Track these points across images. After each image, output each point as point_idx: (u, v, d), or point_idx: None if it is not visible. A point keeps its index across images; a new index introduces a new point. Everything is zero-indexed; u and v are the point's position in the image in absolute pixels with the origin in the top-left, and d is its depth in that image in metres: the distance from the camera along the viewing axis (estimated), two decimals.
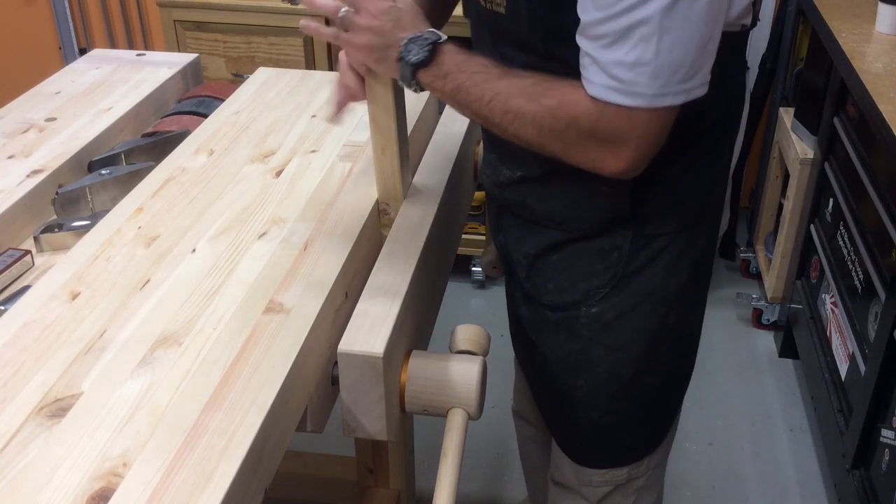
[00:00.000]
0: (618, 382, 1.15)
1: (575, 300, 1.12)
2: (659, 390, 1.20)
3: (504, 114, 0.94)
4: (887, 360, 1.58)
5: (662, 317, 1.12)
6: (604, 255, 1.09)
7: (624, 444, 1.23)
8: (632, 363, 1.14)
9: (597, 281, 1.10)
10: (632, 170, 0.92)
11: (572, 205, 1.08)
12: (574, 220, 1.09)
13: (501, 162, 1.15)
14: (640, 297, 1.10)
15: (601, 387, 1.16)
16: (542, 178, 1.09)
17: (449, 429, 1.00)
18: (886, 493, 1.55)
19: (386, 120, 1.10)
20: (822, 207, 2.08)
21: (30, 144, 1.35)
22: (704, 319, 1.28)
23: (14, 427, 0.82)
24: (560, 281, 1.13)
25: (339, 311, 1.05)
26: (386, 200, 1.21)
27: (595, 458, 1.24)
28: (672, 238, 1.08)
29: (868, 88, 1.67)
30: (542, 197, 1.11)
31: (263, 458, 0.83)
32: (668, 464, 2.06)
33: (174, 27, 2.51)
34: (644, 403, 1.19)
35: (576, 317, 1.13)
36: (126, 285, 1.02)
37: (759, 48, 2.65)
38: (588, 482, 1.26)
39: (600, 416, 1.18)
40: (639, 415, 1.20)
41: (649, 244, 1.08)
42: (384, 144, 1.13)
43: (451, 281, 1.51)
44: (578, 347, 1.14)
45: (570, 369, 1.17)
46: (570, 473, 1.27)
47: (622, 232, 1.07)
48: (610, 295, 1.10)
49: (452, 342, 1.08)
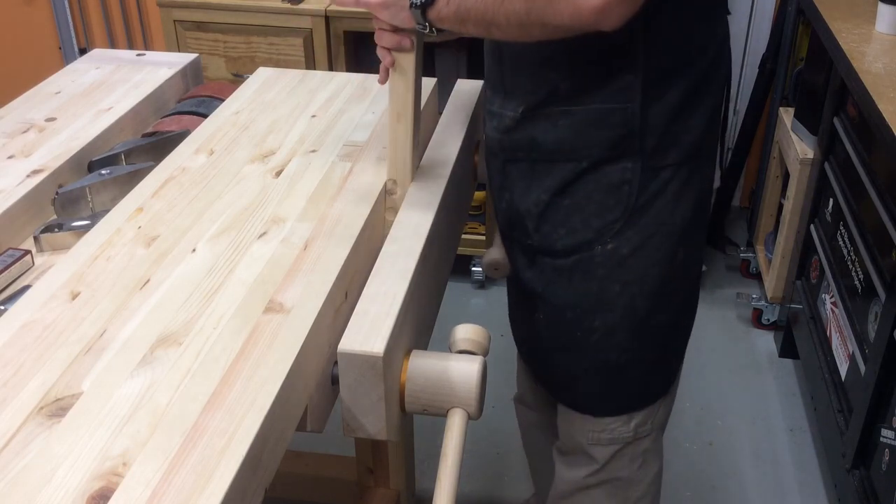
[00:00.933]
0: (634, 318, 1.19)
1: (589, 239, 1.16)
2: (669, 328, 1.25)
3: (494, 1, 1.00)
4: (887, 360, 1.58)
5: (673, 251, 1.17)
6: (615, 189, 1.13)
7: (637, 386, 1.27)
8: (647, 298, 1.18)
9: (610, 216, 1.15)
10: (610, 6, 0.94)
11: (579, 129, 1.12)
12: (582, 146, 1.13)
13: (504, 105, 1.19)
14: (651, 230, 1.15)
15: (619, 324, 1.20)
16: (546, 105, 1.13)
17: (449, 428, 1.00)
18: (886, 493, 1.55)
19: (404, 85, 1.14)
20: (822, 207, 2.08)
21: (30, 144, 1.35)
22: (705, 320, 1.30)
23: (14, 427, 0.82)
24: (573, 223, 1.17)
25: (339, 311, 1.05)
26: (395, 177, 1.22)
27: (609, 405, 1.28)
28: (676, 169, 1.14)
29: (868, 88, 1.67)
30: (548, 128, 1.14)
31: (263, 458, 0.83)
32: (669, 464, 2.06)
33: (174, 27, 2.51)
34: (656, 341, 1.24)
35: (590, 256, 1.17)
36: (126, 285, 1.02)
37: (759, 48, 2.65)
38: (597, 440, 1.29)
39: (618, 355, 1.22)
40: (651, 354, 1.24)
41: (656, 176, 1.13)
42: (400, 111, 1.16)
43: (451, 281, 1.51)
44: (595, 287, 1.18)
45: (586, 312, 1.20)
46: (580, 434, 1.31)
47: (630, 165, 1.12)
48: (623, 229, 1.15)
49: (452, 342, 1.08)
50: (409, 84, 1.14)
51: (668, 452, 2.05)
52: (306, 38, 2.44)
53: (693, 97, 1.11)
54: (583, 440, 1.31)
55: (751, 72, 2.71)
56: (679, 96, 1.10)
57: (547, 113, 1.14)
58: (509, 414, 2.03)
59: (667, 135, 1.12)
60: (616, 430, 1.28)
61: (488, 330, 1.11)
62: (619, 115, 1.10)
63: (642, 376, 1.26)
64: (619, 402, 1.27)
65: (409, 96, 1.15)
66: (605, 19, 0.95)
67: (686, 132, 1.12)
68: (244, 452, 0.78)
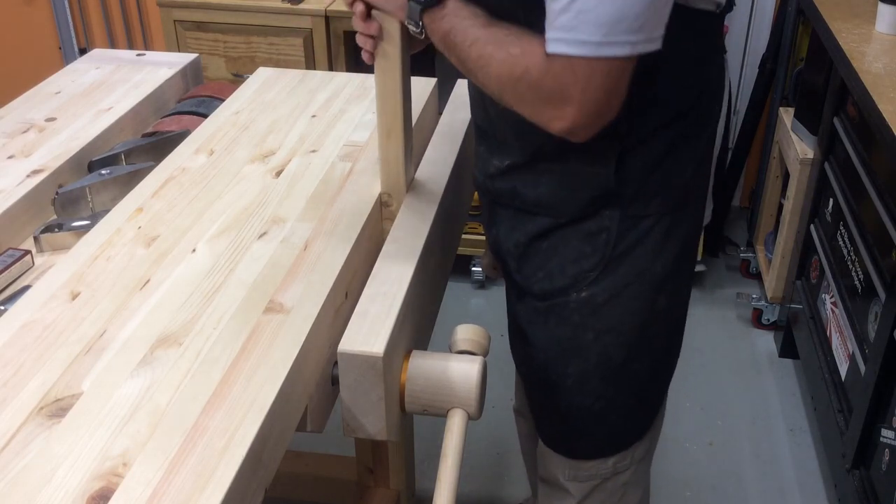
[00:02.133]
0: (609, 366, 1.17)
1: (564, 285, 1.14)
2: (648, 374, 1.21)
3: (478, 58, 0.97)
4: (887, 360, 1.58)
5: (652, 299, 1.14)
6: (592, 238, 1.11)
7: (614, 431, 1.24)
8: (623, 346, 1.15)
9: (586, 264, 1.12)
10: (578, 128, 0.93)
11: (560, 188, 1.10)
12: (562, 204, 1.11)
13: (490, 153, 1.17)
14: (629, 279, 1.12)
15: (593, 371, 1.17)
16: (529, 163, 1.12)
17: (449, 429, 1.00)
18: (886, 493, 1.55)
19: (393, 102, 1.12)
20: (822, 207, 2.08)
21: (30, 144, 1.35)
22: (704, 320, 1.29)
23: (14, 427, 0.82)
24: (549, 268, 1.15)
25: (339, 311, 1.05)
26: (388, 191, 1.21)
27: (585, 448, 1.25)
28: (658, 219, 1.10)
29: (868, 88, 1.67)
30: (530, 183, 1.13)
31: (263, 458, 0.83)
32: (669, 464, 2.06)
33: (174, 27, 2.51)
34: (634, 388, 1.21)
35: (565, 303, 1.15)
36: (126, 285, 1.02)
37: (759, 48, 2.65)
38: (574, 477, 1.27)
39: (592, 402, 1.19)
40: (629, 400, 1.21)
41: (636, 225, 1.10)
42: (390, 128, 1.15)
43: (451, 281, 1.51)
44: (569, 334, 1.16)
45: (560, 357, 1.18)
46: (557, 470, 1.29)
47: (609, 213, 1.09)
48: (599, 278, 1.12)
49: (452, 342, 1.08)
50: (397, 101, 1.12)
51: (668, 452, 2.06)
52: (306, 38, 2.44)
53: (678, 148, 1.08)
54: (559, 475, 1.29)
55: (751, 72, 2.71)
56: (662, 150, 1.07)
57: (532, 169, 1.12)
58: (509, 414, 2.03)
59: (648, 186, 1.09)
60: (593, 468, 1.26)
61: (488, 330, 1.11)
62: (594, 178, 1.08)
63: (619, 421, 1.23)
64: (595, 446, 1.25)
65: (398, 112, 1.13)
66: (571, 137, 0.95)
67: (669, 183, 1.09)
68: (244, 452, 0.78)
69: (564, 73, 0.90)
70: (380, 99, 1.13)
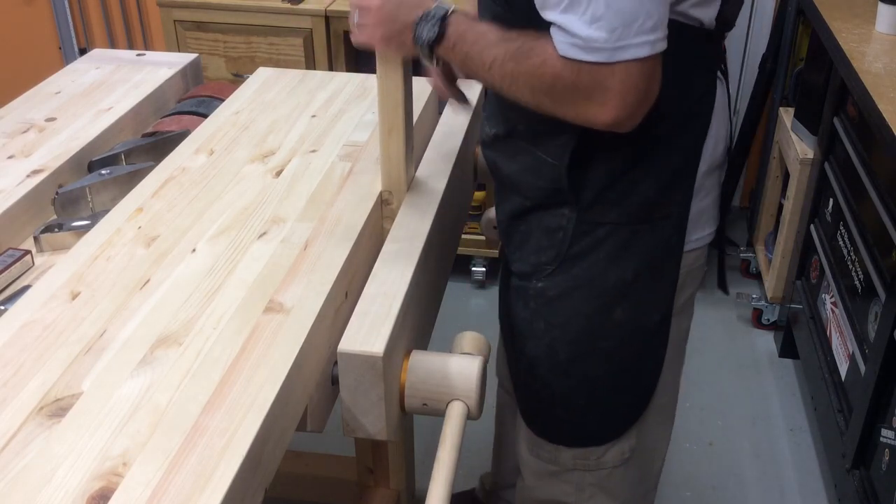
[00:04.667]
0: (554, 360, 1.19)
1: (528, 272, 1.18)
2: (604, 384, 1.20)
3: (502, 78, 0.99)
4: (887, 360, 1.58)
5: (604, 309, 1.14)
6: (550, 233, 1.14)
7: (565, 425, 1.25)
8: (569, 345, 1.17)
9: (544, 257, 1.15)
10: (625, 119, 0.94)
11: (524, 170, 1.14)
12: (526, 187, 1.14)
13: (487, 119, 1.21)
14: (581, 282, 1.14)
15: (542, 360, 1.20)
16: (505, 137, 1.15)
17: (449, 417, 1.00)
18: (886, 493, 1.55)
19: (394, 101, 1.13)
20: (822, 207, 2.08)
21: (30, 144, 1.35)
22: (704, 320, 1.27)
23: (14, 427, 0.82)
24: (523, 252, 1.19)
25: (339, 311, 1.05)
26: (389, 188, 1.21)
27: (539, 427, 1.28)
28: (613, 229, 1.10)
29: (868, 88, 1.67)
30: (505, 158, 1.17)
31: (263, 458, 0.83)
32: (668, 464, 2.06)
33: (174, 27, 2.51)
34: (586, 391, 1.20)
35: (526, 287, 1.19)
36: (126, 285, 1.02)
37: (759, 48, 2.65)
38: (536, 453, 1.30)
39: (540, 388, 1.23)
40: (579, 401, 1.21)
41: (592, 231, 1.11)
42: (391, 125, 1.15)
43: (451, 281, 1.50)
44: (528, 316, 1.20)
45: (517, 336, 1.23)
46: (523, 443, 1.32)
47: (566, 213, 1.11)
48: (554, 273, 1.15)
49: (453, 348, 1.09)
50: (399, 98, 1.13)
51: (668, 452, 2.05)
52: (306, 38, 2.44)
53: (641, 163, 1.06)
54: (523, 449, 1.31)
55: (751, 72, 2.71)
56: (622, 162, 1.06)
57: (509, 144, 1.15)
58: None
59: (605, 194, 1.08)
60: (553, 451, 1.27)
61: (489, 330, 1.11)
62: (550, 168, 1.09)
63: (570, 418, 1.23)
64: (548, 430, 1.26)
65: (399, 110, 1.14)
66: (618, 129, 0.95)
67: (630, 195, 1.08)
68: (244, 452, 0.78)
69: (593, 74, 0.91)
70: (381, 96, 1.13)
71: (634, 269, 1.12)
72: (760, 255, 2.60)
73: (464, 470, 1.97)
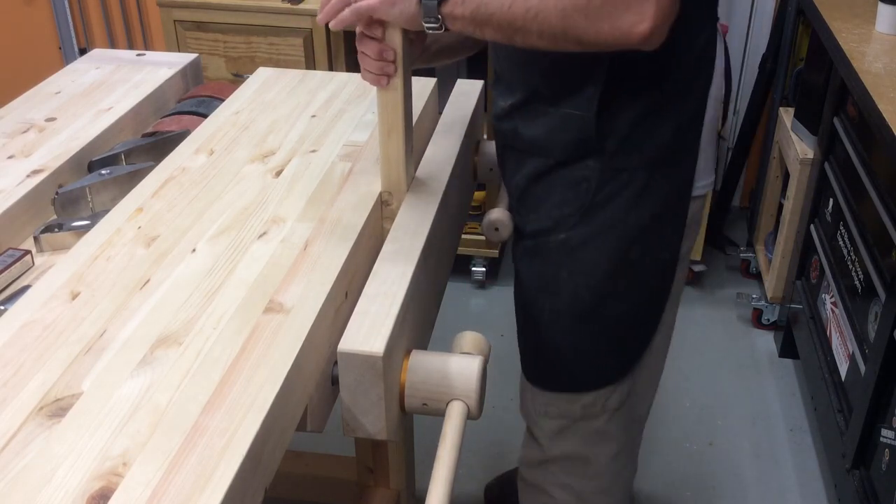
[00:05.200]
0: (580, 306, 1.24)
1: (548, 227, 1.22)
2: (621, 321, 1.28)
3: (525, 12, 0.99)
4: (887, 360, 1.58)
5: (624, 249, 1.20)
6: (575, 185, 1.18)
7: (583, 369, 1.31)
8: (592, 289, 1.23)
9: (567, 209, 1.20)
10: (658, 28, 0.97)
11: (551, 129, 1.17)
12: (551, 146, 1.18)
13: (500, 94, 1.24)
14: (603, 228, 1.19)
15: (565, 310, 1.25)
16: (526, 102, 1.19)
17: (449, 417, 1.00)
18: (886, 493, 1.55)
19: (394, 101, 1.13)
20: (822, 207, 2.08)
21: (30, 144, 1.35)
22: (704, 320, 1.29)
23: (14, 427, 0.82)
24: (540, 211, 1.23)
25: (339, 311, 1.05)
26: (389, 189, 1.21)
27: (556, 381, 1.33)
28: (633, 173, 1.16)
29: (868, 88, 1.67)
30: (528, 123, 1.20)
31: (263, 458, 0.83)
32: (669, 464, 2.06)
33: (174, 27, 2.51)
34: (606, 332, 1.28)
35: (546, 242, 1.23)
36: (126, 285, 1.02)
37: (759, 48, 2.66)
38: (545, 412, 1.35)
39: (563, 337, 1.28)
40: (599, 341, 1.28)
41: (615, 178, 1.16)
42: (391, 126, 1.15)
43: (451, 281, 1.51)
44: (550, 271, 1.24)
45: (539, 293, 1.27)
46: (531, 404, 1.37)
47: (591, 164, 1.16)
48: (577, 223, 1.20)
49: (453, 348, 1.09)
50: (398, 99, 1.13)
51: (668, 452, 2.06)
52: (306, 38, 2.44)
53: (661, 108, 1.13)
54: (533, 410, 1.37)
55: (751, 72, 2.71)
56: (644, 107, 1.12)
57: (529, 109, 1.19)
58: (509, 414, 2.03)
59: (628, 140, 1.14)
60: (562, 406, 1.33)
61: (488, 330, 1.11)
62: (577, 120, 1.13)
63: (590, 361, 1.30)
64: (565, 381, 1.32)
65: (398, 111, 1.14)
66: (648, 44, 0.98)
67: (650, 140, 1.14)
68: (244, 452, 0.78)
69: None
70: (380, 98, 1.13)
71: (651, 211, 1.18)
72: (760, 255, 2.60)
73: (464, 470, 1.97)
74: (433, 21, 1.03)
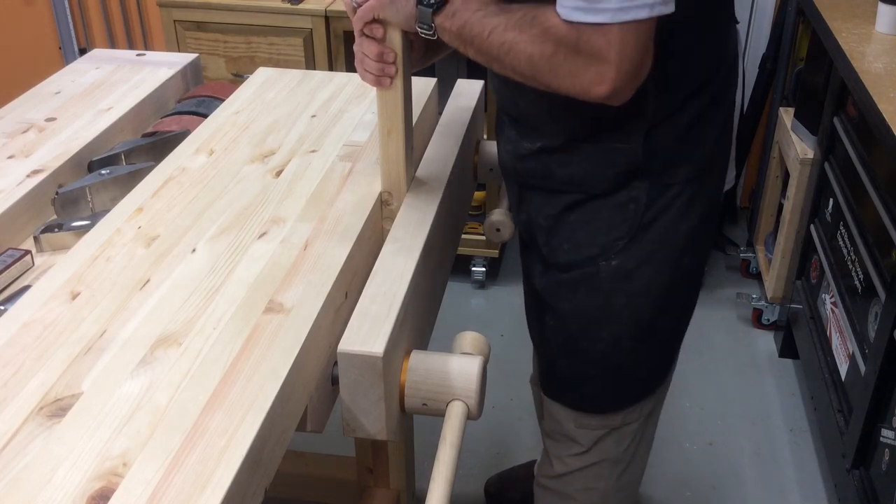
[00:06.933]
0: (640, 326, 1.23)
1: (592, 255, 1.19)
2: (670, 330, 1.30)
3: (500, 45, 0.99)
4: (887, 360, 1.58)
5: (677, 259, 1.20)
6: (622, 208, 1.15)
7: (635, 385, 1.31)
8: (652, 306, 1.21)
9: (615, 233, 1.17)
10: (618, 91, 0.95)
11: (591, 165, 1.14)
12: (593, 180, 1.15)
13: (522, 136, 1.20)
14: (656, 245, 1.17)
15: (625, 332, 1.23)
16: (562, 146, 1.15)
17: (448, 417, 1.00)
18: (886, 493, 1.55)
19: (393, 101, 1.13)
20: (822, 207, 2.08)
21: (30, 144, 1.35)
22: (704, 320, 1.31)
23: (14, 427, 0.82)
24: (577, 239, 1.19)
25: (339, 311, 1.05)
26: (389, 189, 1.21)
27: (609, 403, 1.31)
28: (683, 186, 1.15)
29: (868, 88, 1.67)
30: (563, 162, 1.17)
31: (263, 458, 0.83)
32: (668, 464, 2.06)
33: (174, 27, 2.51)
34: (660, 343, 1.29)
35: (595, 272, 1.19)
36: (126, 285, 1.02)
37: (759, 48, 2.66)
38: (587, 425, 1.33)
39: (623, 358, 1.26)
40: (653, 354, 1.29)
41: (663, 193, 1.15)
42: (390, 127, 1.15)
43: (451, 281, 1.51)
44: (601, 301, 1.21)
45: (592, 323, 1.23)
46: (570, 423, 1.35)
47: (638, 184, 1.14)
48: (628, 245, 1.17)
49: (452, 348, 1.09)
50: (398, 99, 1.13)
51: (668, 452, 2.06)
52: (306, 38, 2.44)
53: (704, 116, 1.13)
54: (569, 426, 1.35)
55: (751, 72, 2.71)
56: (689, 119, 1.12)
57: (564, 149, 1.16)
58: (509, 415, 2.03)
59: (676, 155, 1.13)
60: (605, 418, 1.32)
61: (489, 330, 1.11)
62: (623, 154, 1.12)
63: (644, 374, 1.30)
64: (613, 399, 1.31)
65: (398, 111, 1.14)
66: (611, 101, 0.97)
67: (696, 149, 1.14)
68: (244, 452, 0.78)
69: (596, 37, 0.92)
70: (380, 98, 1.13)
71: (700, 217, 1.19)
72: (760, 255, 2.60)
73: (464, 470, 1.97)
74: (426, 28, 1.04)
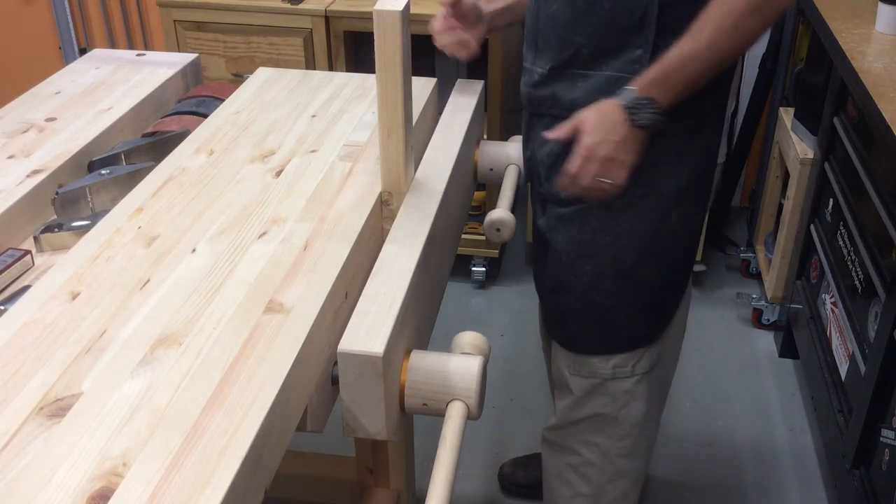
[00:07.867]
0: (620, 267, 1.32)
1: None
2: (655, 281, 1.35)
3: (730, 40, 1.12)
4: (887, 360, 1.58)
5: (663, 213, 1.28)
6: None
7: (617, 330, 1.38)
8: (633, 250, 1.30)
9: None
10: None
11: (592, 92, 1.23)
12: None
13: (536, 60, 1.30)
14: (645, 192, 1.26)
15: (606, 271, 1.32)
16: (567, 67, 1.24)
17: (449, 417, 1.00)
18: (886, 493, 1.55)
19: (394, 101, 1.14)
20: (822, 207, 2.08)
21: (30, 144, 1.35)
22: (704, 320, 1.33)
23: (14, 427, 0.82)
24: None
25: (339, 311, 1.05)
26: (389, 189, 1.22)
27: (590, 344, 1.40)
28: (674, 139, 1.23)
29: (868, 88, 1.67)
30: (568, 87, 1.26)
31: (263, 458, 0.83)
32: (669, 464, 2.06)
33: (174, 27, 2.51)
34: (642, 293, 1.35)
35: (588, 208, 1.29)
36: (126, 285, 1.02)
37: (759, 48, 2.65)
38: (577, 372, 1.41)
39: (604, 299, 1.35)
40: (635, 302, 1.36)
41: (656, 142, 1.22)
42: (391, 126, 1.16)
43: (451, 281, 1.51)
44: (589, 236, 1.31)
45: (579, 257, 1.33)
46: (563, 366, 1.43)
47: None
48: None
49: (453, 347, 1.09)
50: (398, 99, 1.13)
51: (668, 452, 2.06)
52: (306, 38, 2.44)
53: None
54: (565, 371, 1.43)
55: (751, 72, 2.71)
56: None
57: (569, 73, 1.24)
58: (509, 415, 2.03)
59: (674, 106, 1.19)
60: (594, 365, 1.40)
61: (489, 329, 1.11)
62: (623, 83, 1.18)
63: (625, 322, 1.36)
64: (600, 342, 1.39)
65: (398, 111, 1.14)
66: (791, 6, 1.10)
67: (689, 107, 1.19)
68: (244, 452, 0.78)
69: None
70: (380, 97, 1.13)
71: (688, 175, 1.27)
72: (760, 255, 2.60)
73: (464, 470, 1.97)
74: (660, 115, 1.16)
